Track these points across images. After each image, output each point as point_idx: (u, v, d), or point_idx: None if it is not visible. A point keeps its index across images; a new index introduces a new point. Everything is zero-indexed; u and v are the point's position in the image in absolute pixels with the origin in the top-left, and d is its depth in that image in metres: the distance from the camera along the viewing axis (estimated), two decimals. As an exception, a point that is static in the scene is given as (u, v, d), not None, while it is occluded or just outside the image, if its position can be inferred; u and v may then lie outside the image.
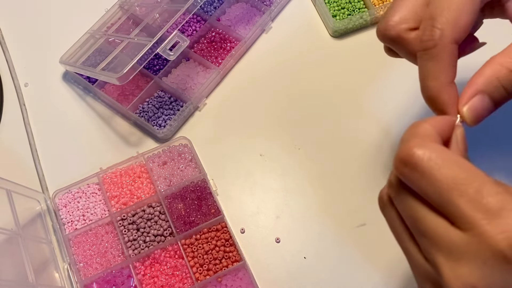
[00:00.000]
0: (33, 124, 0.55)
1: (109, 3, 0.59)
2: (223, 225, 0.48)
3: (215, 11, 0.60)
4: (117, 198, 0.50)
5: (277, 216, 0.50)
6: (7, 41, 0.60)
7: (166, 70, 0.56)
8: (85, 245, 0.48)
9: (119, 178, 0.51)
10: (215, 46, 0.58)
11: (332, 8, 0.59)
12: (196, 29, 0.59)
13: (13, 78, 0.57)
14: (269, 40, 0.60)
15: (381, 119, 0.54)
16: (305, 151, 0.52)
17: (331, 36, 0.59)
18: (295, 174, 0.52)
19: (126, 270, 0.47)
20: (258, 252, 0.48)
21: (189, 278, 0.46)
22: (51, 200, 0.50)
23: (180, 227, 0.48)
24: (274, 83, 0.57)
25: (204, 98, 0.56)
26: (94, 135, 0.54)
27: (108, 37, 0.56)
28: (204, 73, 0.56)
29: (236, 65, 0.58)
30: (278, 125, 0.54)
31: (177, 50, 0.48)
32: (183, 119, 0.54)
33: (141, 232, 0.48)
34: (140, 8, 0.58)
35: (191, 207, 0.49)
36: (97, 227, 0.49)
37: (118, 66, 0.51)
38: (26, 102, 0.56)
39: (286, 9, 0.61)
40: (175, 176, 0.51)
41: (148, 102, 0.55)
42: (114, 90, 0.56)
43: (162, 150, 0.52)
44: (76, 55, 0.56)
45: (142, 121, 0.53)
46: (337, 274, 0.47)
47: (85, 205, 0.50)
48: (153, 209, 0.49)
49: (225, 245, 0.47)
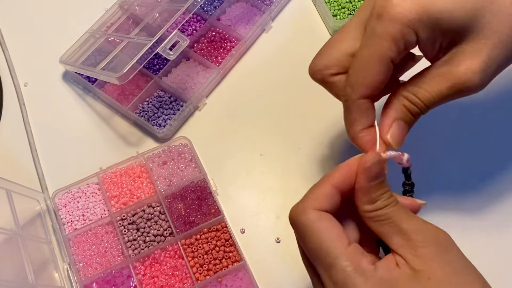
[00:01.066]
0: (33, 123, 0.55)
1: (109, 2, 0.59)
2: (223, 225, 0.48)
3: (215, 10, 0.59)
4: (117, 198, 0.50)
5: (277, 216, 0.50)
6: (7, 40, 0.60)
7: (166, 69, 0.56)
8: (85, 245, 0.48)
9: (119, 178, 0.51)
10: (215, 45, 0.58)
11: (332, 7, 0.59)
12: (196, 28, 0.59)
13: (13, 77, 0.57)
14: (269, 39, 0.59)
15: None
16: (305, 151, 0.52)
17: (331, 35, 0.59)
18: (295, 174, 0.51)
19: (126, 270, 0.47)
20: (258, 252, 0.48)
21: (189, 278, 0.46)
22: (51, 200, 0.49)
23: (180, 227, 0.48)
24: (274, 82, 0.56)
25: (204, 98, 0.56)
26: (94, 135, 0.54)
27: (108, 36, 0.56)
28: (204, 73, 0.56)
29: (236, 65, 0.58)
30: (278, 125, 0.54)
31: (177, 50, 0.48)
32: (183, 119, 0.54)
33: (141, 232, 0.48)
34: (140, 8, 0.58)
35: (191, 207, 0.49)
36: (97, 227, 0.49)
37: (118, 65, 0.51)
38: (26, 101, 0.56)
39: (286, 9, 0.61)
40: (175, 176, 0.50)
41: (148, 102, 0.55)
42: (114, 89, 0.56)
43: (162, 150, 0.52)
44: (76, 54, 0.56)
45: (142, 120, 0.53)
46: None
47: (85, 205, 0.49)
48: (153, 209, 0.49)
49: (225, 245, 0.47)
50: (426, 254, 0.29)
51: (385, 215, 0.31)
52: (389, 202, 0.31)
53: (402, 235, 0.30)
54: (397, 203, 0.31)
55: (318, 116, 0.54)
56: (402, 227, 0.30)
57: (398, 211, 0.31)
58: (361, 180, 0.31)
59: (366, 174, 0.31)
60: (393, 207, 0.31)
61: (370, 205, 0.31)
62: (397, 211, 0.31)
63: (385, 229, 0.31)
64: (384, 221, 0.31)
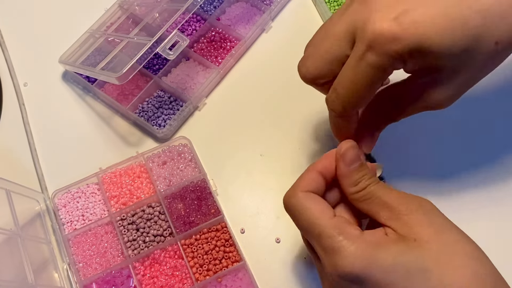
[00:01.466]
0: (32, 123, 0.55)
1: (109, 2, 0.59)
2: (223, 225, 0.48)
3: (215, 10, 0.59)
4: (116, 198, 0.50)
5: (277, 216, 0.50)
6: (6, 40, 0.60)
7: (165, 69, 0.56)
8: (85, 245, 0.48)
9: (118, 178, 0.50)
10: (215, 45, 0.58)
11: (332, 7, 0.59)
12: (196, 28, 0.59)
13: (12, 77, 0.57)
14: (269, 39, 0.59)
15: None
16: (305, 151, 0.52)
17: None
18: (295, 174, 0.51)
19: (125, 271, 0.47)
20: (258, 252, 0.48)
21: (189, 278, 0.46)
22: (51, 200, 0.49)
23: (179, 227, 0.48)
24: (274, 82, 0.56)
25: (204, 98, 0.55)
26: (93, 135, 0.54)
27: (107, 36, 0.56)
28: (204, 73, 0.56)
29: (236, 65, 0.58)
30: (278, 125, 0.54)
31: (176, 50, 0.48)
32: (182, 119, 0.54)
33: (141, 232, 0.48)
34: (139, 8, 0.58)
35: (191, 207, 0.49)
36: (97, 227, 0.49)
37: (117, 65, 0.50)
38: (26, 101, 0.56)
39: (286, 9, 0.61)
40: (174, 176, 0.50)
41: (148, 102, 0.55)
42: (114, 89, 0.56)
43: (162, 150, 0.52)
44: (75, 54, 0.56)
45: (141, 121, 0.53)
46: (337, 274, 0.47)
47: (85, 205, 0.49)
48: (152, 209, 0.49)
49: (225, 245, 0.47)
50: (410, 220, 0.31)
51: (369, 194, 0.34)
52: (371, 182, 0.34)
53: (387, 208, 0.33)
54: (379, 182, 0.34)
55: (318, 116, 0.54)
56: (386, 201, 0.33)
57: (381, 188, 0.34)
58: (340, 165, 0.35)
59: (344, 159, 0.35)
60: (375, 185, 0.34)
61: (354, 187, 0.34)
62: (380, 188, 0.34)
63: (372, 207, 0.34)
64: (369, 200, 0.34)
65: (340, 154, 0.35)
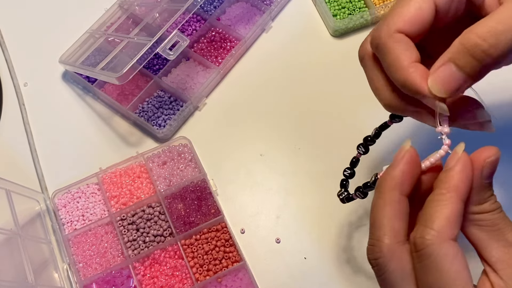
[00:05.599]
0: (33, 123, 0.55)
1: (109, 2, 0.58)
2: (223, 225, 0.48)
3: (215, 10, 0.59)
4: (116, 198, 0.50)
5: (277, 216, 0.49)
6: (7, 40, 0.60)
7: (166, 69, 0.56)
8: (85, 245, 0.48)
9: (118, 178, 0.50)
10: (215, 45, 0.58)
11: (332, 7, 0.59)
12: (196, 28, 0.59)
13: (13, 77, 0.57)
14: (269, 39, 0.59)
15: (382, 118, 0.53)
16: (305, 151, 0.52)
17: (331, 35, 0.59)
18: (295, 174, 0.51)
19: (125, 271, 0.47)
20: (258, 252, 0.48)
21: (189, 278, 0.46)
22: (51, 200, 0.49)
23: (180, 227, 0.48)
24: (274, 82, 0.56)
25: (204, 98, 0.55)
26: (93, 135, 0.54)
27: (107, 36, 0.56)
28: (204, 73, 0.56)
29: (236, 65, 0.58)
30: (278, 125, 0.54)
31: (177, 50, 0.48)
32: (183, 119, 0.54)
33: (141, 232, 0.48)
34: (139, 8, 0.58)
35: (191, 207, 0.49)
36: (97, 227, 0.49)
37: (117, 65, 0.50)
38: (26, 101, 0.56)
39: (286, 9, 0.61)
40: (175, 176, 0.50)
41: (148, 102, 0.55)
42: (114, 89, 0.56)
43: (162, 150, 0.52)
44: (75, 54, 0.56)
45: (141, 121, 0.53)
46: (337, 274, 0.47)
47: (85, 205, 0.49)
48: (152, 209, 0.49)
49: (225, 246, 0.47)
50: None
51: (490, 221, 0.27)
52: (496, 207, 0.28)
53: (505, 248, 0.26)
54: (502, 211, 0.28)
55: (318, 116, 0.54)
56: (507, 238, 0.27)
57: (504, 219, 0.27)
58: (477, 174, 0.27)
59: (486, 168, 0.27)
60: (499, 213, 0.27)
61: (477, 206, 0.28)
62: (504, 219, 0.27)
63: (485, 236, 0.27)
64: (487, 227, 0.27)
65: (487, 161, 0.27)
